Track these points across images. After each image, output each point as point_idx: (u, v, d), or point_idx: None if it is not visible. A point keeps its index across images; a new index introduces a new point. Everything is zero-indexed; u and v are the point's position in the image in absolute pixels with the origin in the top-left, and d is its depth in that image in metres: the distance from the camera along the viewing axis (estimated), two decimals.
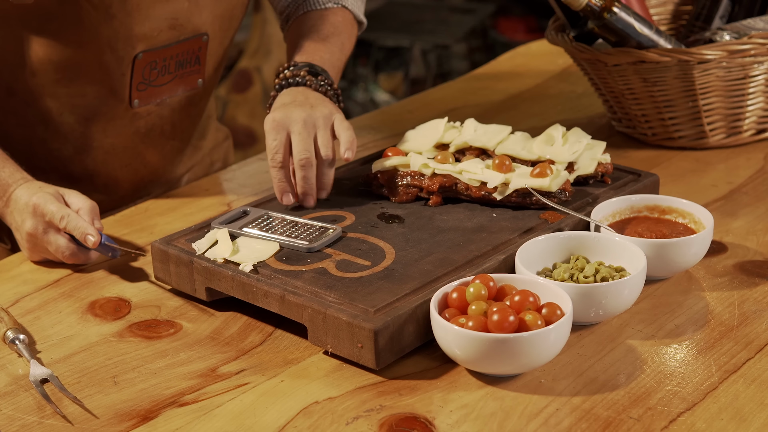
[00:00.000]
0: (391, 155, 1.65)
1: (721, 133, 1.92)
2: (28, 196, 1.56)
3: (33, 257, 1.60)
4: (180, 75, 1.80)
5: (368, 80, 5.17)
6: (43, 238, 1.55)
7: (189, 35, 1.76)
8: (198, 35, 1.77)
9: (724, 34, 1.93)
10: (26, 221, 1.56)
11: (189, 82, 1.82)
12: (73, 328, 1.44)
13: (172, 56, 1.76)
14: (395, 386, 1.28)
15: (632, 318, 1.40)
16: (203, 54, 1.80)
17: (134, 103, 1.76)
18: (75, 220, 1.53)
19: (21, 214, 1.57)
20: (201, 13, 1.75)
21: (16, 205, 1.57)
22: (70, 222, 1.53)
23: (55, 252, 1.56)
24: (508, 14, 5.69)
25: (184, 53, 1.78)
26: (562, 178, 1.56)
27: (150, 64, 1.74)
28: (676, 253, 1.45)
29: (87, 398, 1.29)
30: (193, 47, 1.78)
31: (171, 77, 1.79)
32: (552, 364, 1.31)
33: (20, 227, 1.57)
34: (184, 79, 1.81)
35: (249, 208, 1.57)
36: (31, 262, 1.61)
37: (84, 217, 1.55)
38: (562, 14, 1.95)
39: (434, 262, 1.42)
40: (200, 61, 1.81)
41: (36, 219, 1.55)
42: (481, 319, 1.26)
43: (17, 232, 1.59)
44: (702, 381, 1.27)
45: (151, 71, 1.75)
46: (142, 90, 1.76)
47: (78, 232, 1.52)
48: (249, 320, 1.43)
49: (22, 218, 1.57)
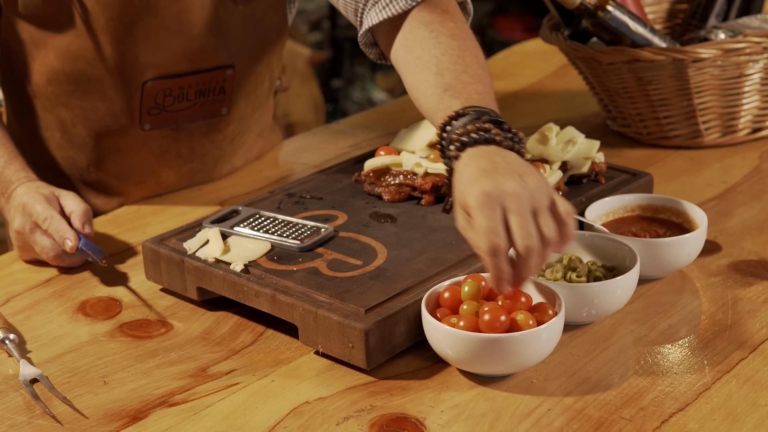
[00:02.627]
0: (383, 154, 1.64)
1: (716, 132, 1.92)
2: (21, 195, 1.56)
3: (23, 256, 1.60)
4: (202, 103, 1.70)
5: (365, 79, 5.16)
6: (29, 238, 1.55)
7: (209, 67, 1.66)
8: (221, 68, 1.66)
9: (719, 33, 1.92)
10: (15, 219, 1.55)
11: (212, 110, 1.73)
12: (64, 327, 1.43)
13: (190, 85, 1.67)
14: (386, 386, 1.28)
15: (625, 318, 1.40)
16: (229, 84, 1.69)
17: (145, 126, 1.70)
18: (57, 223, 1.51)
19: (14, 211, 1.56)
20: (228, 46, 1.65)
21: (13, 203, 1.57)
22: (51, 224, 1.52)
23: (40, 252, 1.55)
24: (505, 13, 5.68)
25: (205, 83, 1.67)
26: (555, 177, 1.55)
27: (163, 91, 1.66)
28: (670, 252, 1.45)
29: (77, 398, 1.28)
30: (216, 78, 1.67)
31: (191, 104, 1.69)
32: (544, 364, 1.30)
33: (11, 225, 1.57)
34: (206, 107, 1.71)
35: (240, 207, 1.56)
36: (21, 261, 1.60)
37: (75, 221, 1.53)
38: (557, 12, 1.94)
39: (426, 261, 1.41)
40: (225, 90, 1.69)
41: (24, 218, 1.54)
42: (473, 319, 1.25)
43: (9, 230, 1.59)
44: (695, 381, 1.27)
45: (165, 98, 1.67)
46: (154, 114, 1.69)
47: (57, 236, 1.51)
48: (240, 320, 1.43)
49: (13, 216, 1.56)
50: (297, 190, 1.63)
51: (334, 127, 2.10)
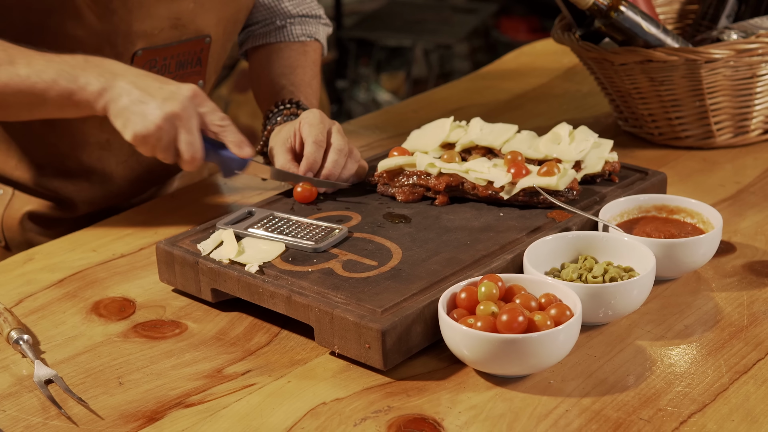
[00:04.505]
0: (396, 155, 1.63)
1: (728, 132, 1.91)
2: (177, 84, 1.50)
3: (141, 143, 1.49)
4: (180, 75, 1.78)
5: (370, 80, 5.16)
6: (186, 124, 1.48)
7: (191, 36, 1.74)
8: (201, 37, 1.76)
9: (732, 33, 1.92)
10: (178, 96, 1.47)
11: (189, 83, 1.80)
12: (78, 328, 1.43)
13: (172, 55, 1.75)
14: (403, 387, 1.27)
15: (641, 318, 1.39)
16: (205, 56, 1.79)
17: None
18: (233, 130, 1.52)
19: (166, 84, 1.49)
20: (205, 15, 1.74)
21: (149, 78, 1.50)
22: (228, 128, 1.52)
23: (186, 144, 1.48)
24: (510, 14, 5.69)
25: (185, 54, 1.76)
26: (569, 176, 1.54)
27: (149, 62, 1.72)
28: (685, 253, 1.44)
29: (92, 399, 1.27)
30: (195, 48, 1.77)
31: (171, 77, 1.76)
32: (561, 365, 1.30)
33: (165, 102, 1.47)
34: (184, 79, 1.78)
35: (254, 209, 1.56)
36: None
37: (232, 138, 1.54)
38: (569, 13, 1.94)
39: (441, 261, 1.41)
40: (201, 62, 1.80)
41: (192, 103, 1.48)
42: (490, 320, 1.25)
43: (140, 104, 1.47)
44: (712, 382, 1.26)
45: (150, 69, 1.72)
46: None
47: (237, 138, 1.52)
48: (255, 320, 1.42)
49: (169, 91, 1.48)
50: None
51: (345, 128, 2.09)
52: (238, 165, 1.56)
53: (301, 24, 1.94)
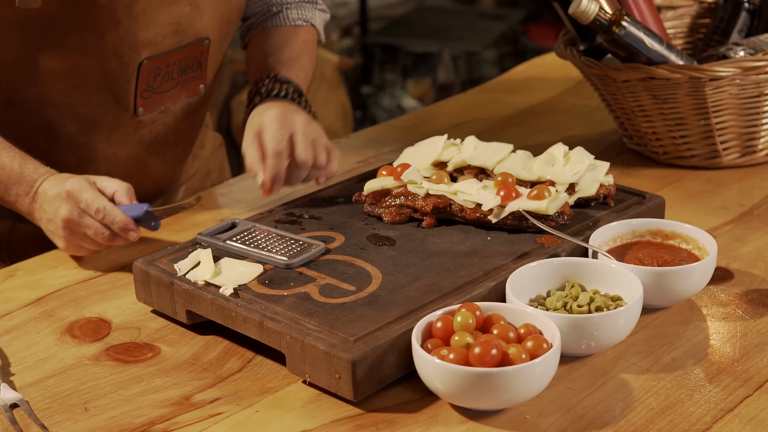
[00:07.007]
0: (385, 174, 1.59)
1: (734, 152, 1.85)
2: (58, 186, 1.55)
3: (69, 248, 1.57)
4: (183, 81, 1.78)
5: (395, 86, 5.12)
6: (80, 222, 1.53)
7: (191, 40, 1.74)
8: (200, 40, 1.75)
9: (739, 50, 1.86)
10: (61, 208, 1.53)
11: (191, 88, 1.81)
12: (50, 350, 1.40)
13: (175, 62, 1.74)
14: (373, 419, 1.23)
15: (628, 350, 1.34)
16: (205, 59, 1.79)
17: (139, 111, 1.73)
18: (112, 213, 1.52)
19: (53, 203, 1.55)
20: (202, 16, 1.74)
21: (46, 197, 1.56)
22: (107, 215, 1.52)
23: (94, 236, 1.54)
24: (539, 20, 5.62)
25: (187, 59, 1.76)
26: (560, 200, 1.49)
27: (154, 71, 1.72)
28: (677, 281, 1.39)
29: (55, 425, 1.24)
30: (195, 52, 1.76)
31: (174, 83, 1.77)
32: (539, 399, 1.25)
33: (54, 216, 1.55)
34: (186, 84, 1.79)
35: (237, 220, 1.53)
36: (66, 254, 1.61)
37: (122, 199, 1.55)
38: (572, 27, 1.89)
39: (421, 288, 1.36)
40: (202, 66, 1.79)
41: (71, 204, 1.53)
42: (463, 352, 1.21)
43: (50, 224, 1.56)
44: (696, 420, 1.21)
45: (155, 78, 1.73)
46: (146, 97, 1.73)
47: (117, 227, 1.52)
48: (230, 345, 1.39)
49: (55, 207, 1.54)
50: (296, 208, 1.59)
51: (344, 142, 2.06)
52: (145, 221, 1.56)
53: (297, 8, 1.94)
